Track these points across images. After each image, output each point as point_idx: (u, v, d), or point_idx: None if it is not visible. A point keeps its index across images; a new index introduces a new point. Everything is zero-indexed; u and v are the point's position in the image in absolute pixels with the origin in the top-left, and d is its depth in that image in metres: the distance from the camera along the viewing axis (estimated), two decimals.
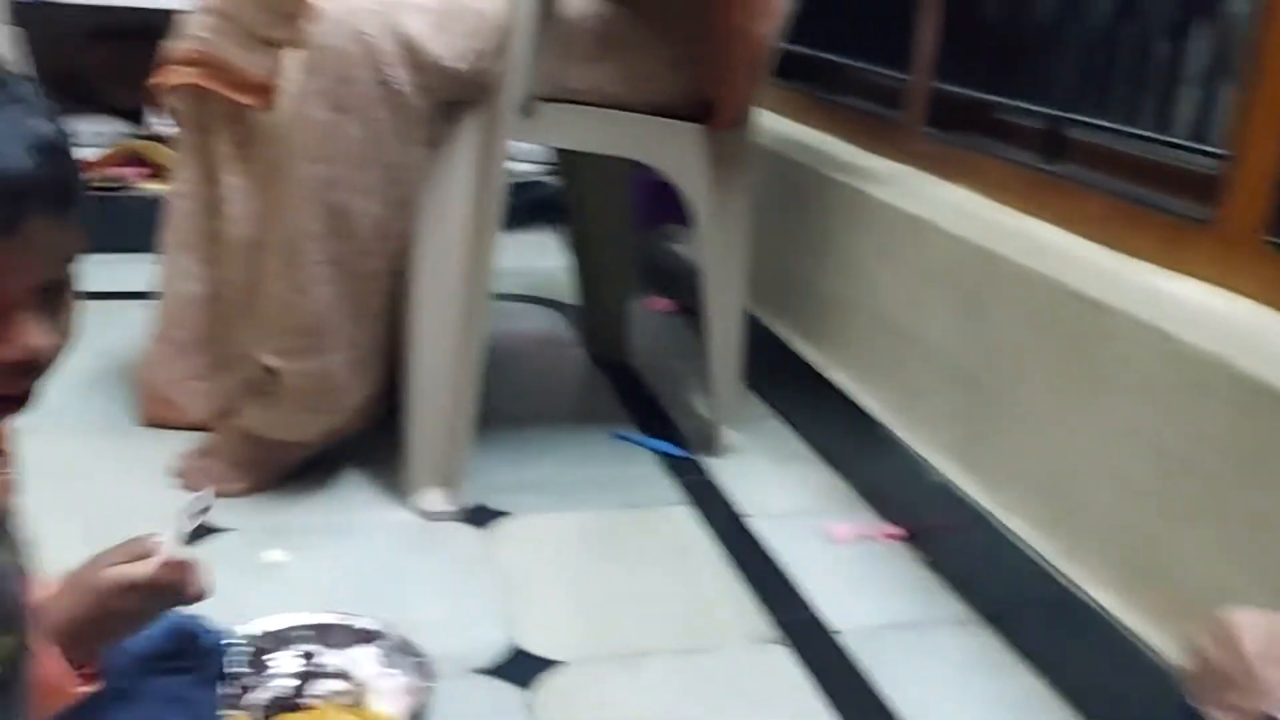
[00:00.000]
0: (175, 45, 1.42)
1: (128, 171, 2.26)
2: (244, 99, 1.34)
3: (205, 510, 0.80)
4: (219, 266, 1.43)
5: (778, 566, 1.30)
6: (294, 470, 1.37)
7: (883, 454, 1.44)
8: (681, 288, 2.13)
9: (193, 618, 0.84)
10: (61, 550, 1.09)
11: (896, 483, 1.42)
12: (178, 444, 1.43)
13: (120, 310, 1.73)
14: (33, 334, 0.60)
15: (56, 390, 1.56)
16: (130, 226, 2.11)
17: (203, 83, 1.38)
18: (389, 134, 1.18)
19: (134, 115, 2.37)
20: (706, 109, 1.39)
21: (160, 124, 2.23)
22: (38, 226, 0.58)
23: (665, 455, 1.56)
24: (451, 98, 1.21)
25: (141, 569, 0.71)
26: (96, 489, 1.34)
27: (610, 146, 1.36)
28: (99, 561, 0.72)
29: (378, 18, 1.14)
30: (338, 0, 1.16)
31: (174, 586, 0.72)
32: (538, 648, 1.11)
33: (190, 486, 1.33)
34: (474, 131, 1.24)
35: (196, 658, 0.82)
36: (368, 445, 1.43)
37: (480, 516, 1.35)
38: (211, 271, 1.44)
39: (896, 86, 1.67)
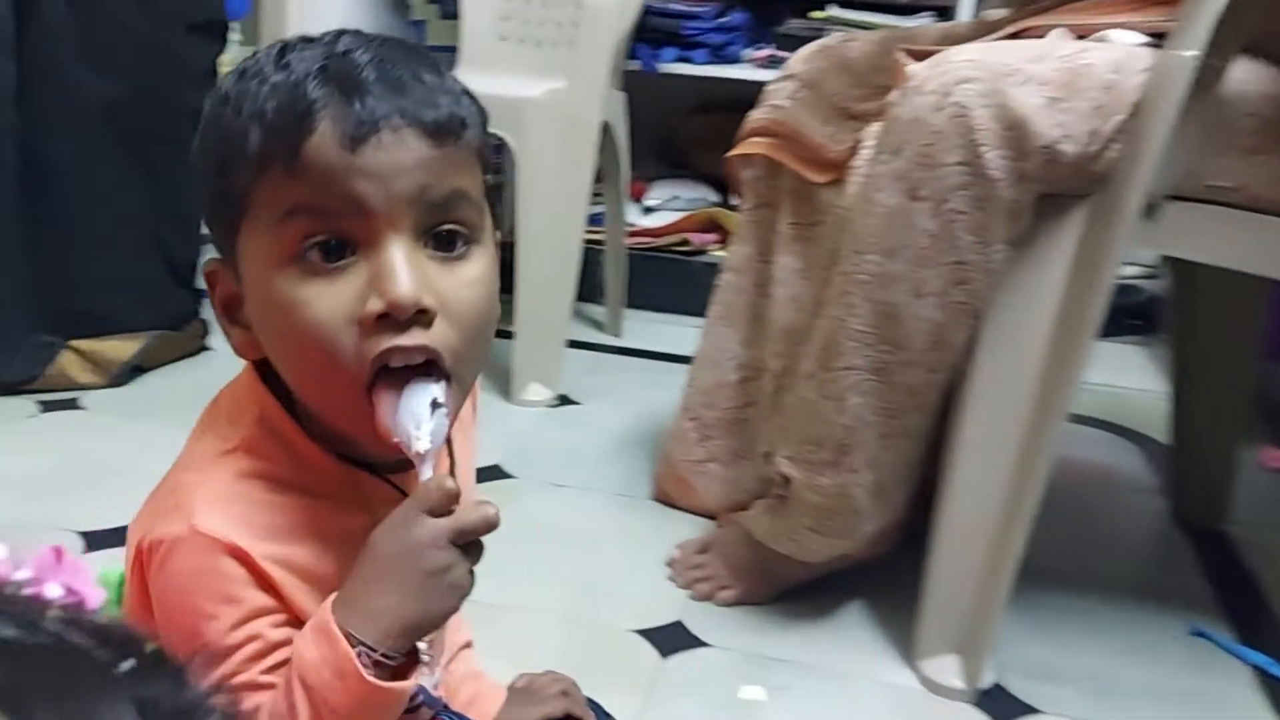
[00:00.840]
0: (754, 114, 1.35)
1: (703, 237, 2.31)
2: (812, 175, 1.22)
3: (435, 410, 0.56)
4: (758, 349, 1.33)
5: None
6: (791, 590, 1.21)
7: None
8: None
9: None
10: (540, 611, 1.02)
11: None
12: (682, 528, 1.35)
13: (674, 372, 1.72)
14: (394, 282, 0.52)
15: (588, 446, 1.51)
16: (693, 291, 2.14)
17: (773, 154, 1.28)
18: (966, 229, 0.97)
19: (721, 184, 2.43)
20: None
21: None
22: (391, 145, 0.52)
23: (1266, 674, 1.16)
24: (1052, 189, 0.98)
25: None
26: (589, 556, 1.28)
27: (1258, 264, 1.03)
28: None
29: (982, 89, 0.94)
30: (935, 66, 0.98)
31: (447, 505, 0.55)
32: None
33: (679, 582, 1.23)
34: (1073, 232, 0.99)
35: None
36: (877, 579, 1.23)
37: (999, 705, 1.08)
38: (750, 353, 1.34)
39: None
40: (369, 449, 0.58)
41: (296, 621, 0.57)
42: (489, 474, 1.45)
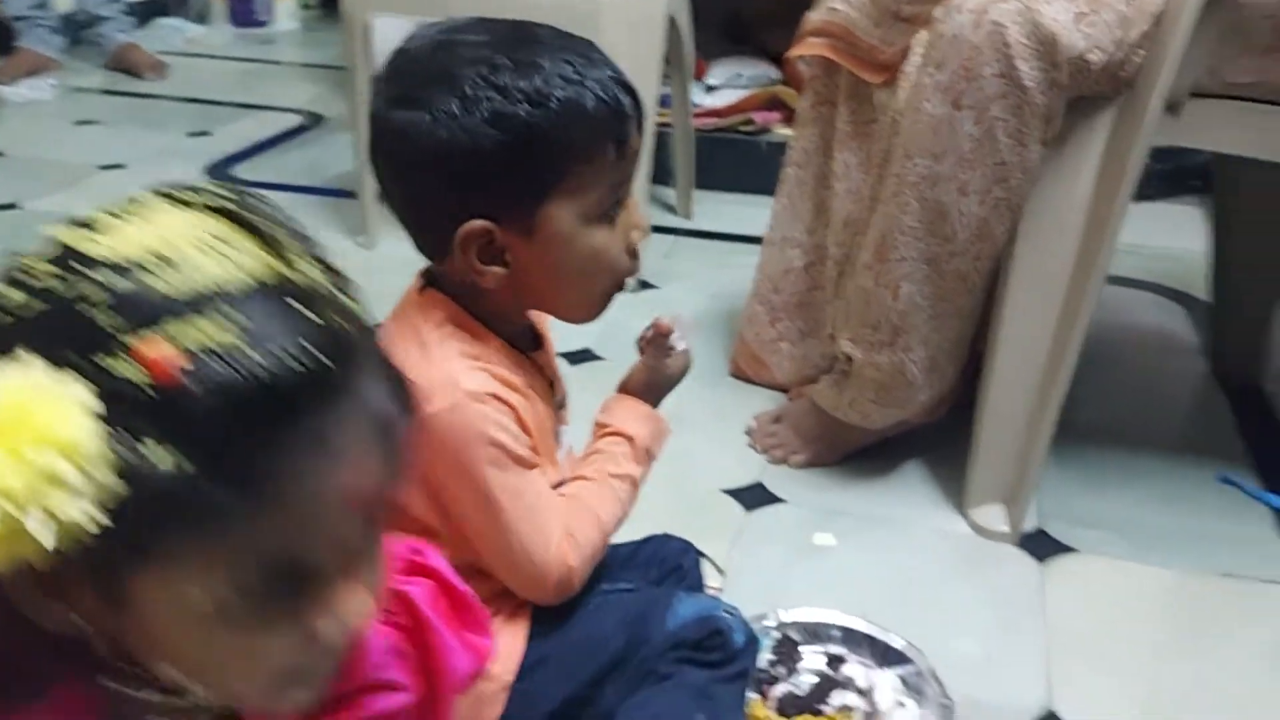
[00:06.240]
0: (811, 15, 1.44)
1: (767, 115, 2.37)
2: (867, 75, 1.32)
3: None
4: (820, 237, 1.46)
5: None
6: (855, 452, 1.37)
7: None
8: None
9: (728, 614, 0.87)
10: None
11: None
12: (757, 402, 1.51)
13: (744, 252, 1.83)
14: (645, 222, 0.80)
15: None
16: (759, 169, 2.23)
17: (830, 55, 1.38)
18: (1005, 133, 1.08)
19: (782, 61, 2.46)
20: None
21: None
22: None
23: None
24: (1082, 93, 1.08)
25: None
26: (679, 428, 1.43)
27: (1274, 151, 1.12)
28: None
29: (1016, 8, 1.04)
30: None
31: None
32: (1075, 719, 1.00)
33: (757, 448, 1.40)
34: (1103, 131, 1.10)
35: (725, 653, 0.85)
36: (932, 441, 1.38)
37: (1040, 545, 1.24)
38: (813, 241, 1.47)
39: None
40: (527, 338, 0.84)
41: None
42: (582, 357, 1.62)
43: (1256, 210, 1.52)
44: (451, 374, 0.74)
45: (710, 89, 2.47)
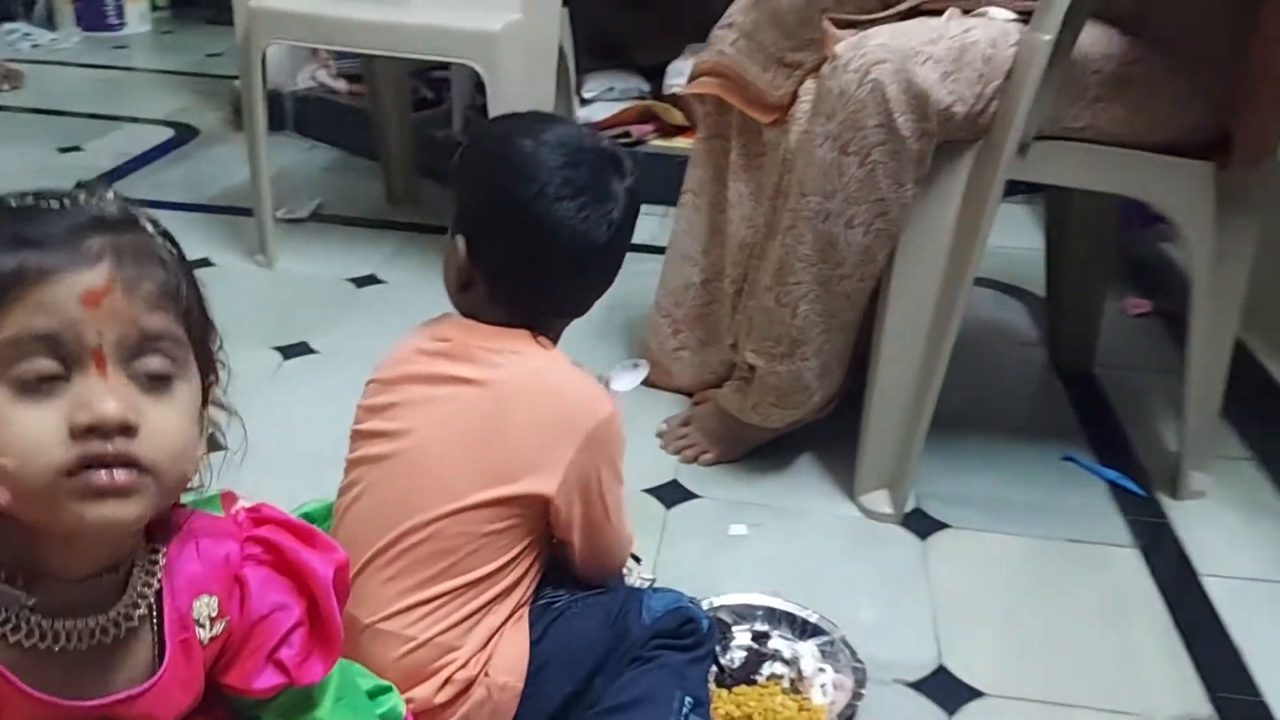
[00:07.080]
0: (702, 56, 1.59)
1: (642, 129, 2.51)
2: (757, 115, 1.48)
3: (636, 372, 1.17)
4: (717, 256, 1.61)
5: (1227, 637, 1.26)
6: (757, 449, 1.53)
7: None
8: (1164, 290, 2.02)
9: (692, 605, 1.02)
10: None
11: None
12: (664, 406, 1.65)
13: (634, 261, 1.95)
14: None
15: (573, 337, 1.83)
16: (643, 180, 2.36)
17: (722, 94, 1.53)
18: (885, 175, 1.26)
19: (655, 73, 2.61)
20: (1219, 145, 1.31)
21: (676, 86, 2.44)
22: None
23: (1117, 487, 1.53)
24: (948, 138, 1.26)
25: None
26: None
27: (1104, 184, 1.34)
28: None
29: (892, 68, 1.21)
30: (856, 48, 1.24)
31: None
32: (961, 671, 1.19)
33: (669, 449, 1.55)
34: (965, 169, 1.28)
35: (695, 637, 1.00)
36: (823, 436, 1.55)
37: (919, 524, 1.43)
38: (710, 260, 1.63)
39: None
40: None
41: None
42: None
43: (1084, 215, 1.75)
44: (601, 389, 0.94)
45: (585, 102, 2.59)
